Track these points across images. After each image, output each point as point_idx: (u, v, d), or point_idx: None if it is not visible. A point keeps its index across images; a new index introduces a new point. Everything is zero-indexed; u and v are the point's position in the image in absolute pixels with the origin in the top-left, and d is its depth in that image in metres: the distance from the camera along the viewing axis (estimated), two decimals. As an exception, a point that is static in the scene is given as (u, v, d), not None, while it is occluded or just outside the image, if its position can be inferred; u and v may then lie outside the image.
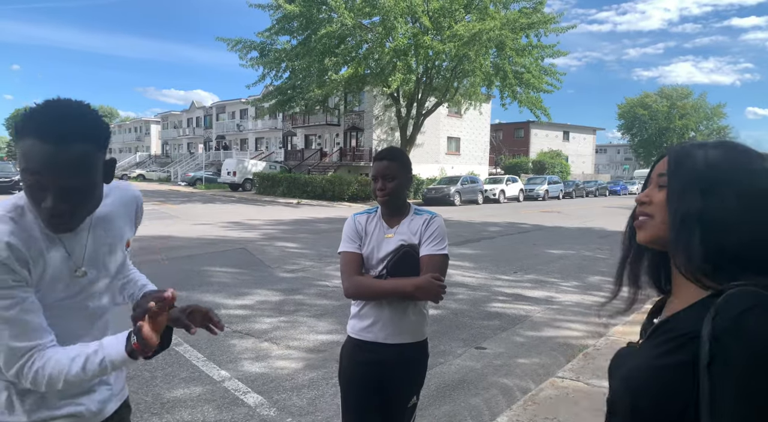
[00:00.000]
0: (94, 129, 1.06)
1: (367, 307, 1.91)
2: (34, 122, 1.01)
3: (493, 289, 6.89)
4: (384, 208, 1.96)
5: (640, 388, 0.81)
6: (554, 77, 23.65)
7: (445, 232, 1.94)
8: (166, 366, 3.99)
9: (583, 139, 54.46)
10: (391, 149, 1.99)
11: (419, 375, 1.98)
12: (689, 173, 0.86)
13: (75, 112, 1.05)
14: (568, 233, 13.89)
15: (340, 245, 1.98)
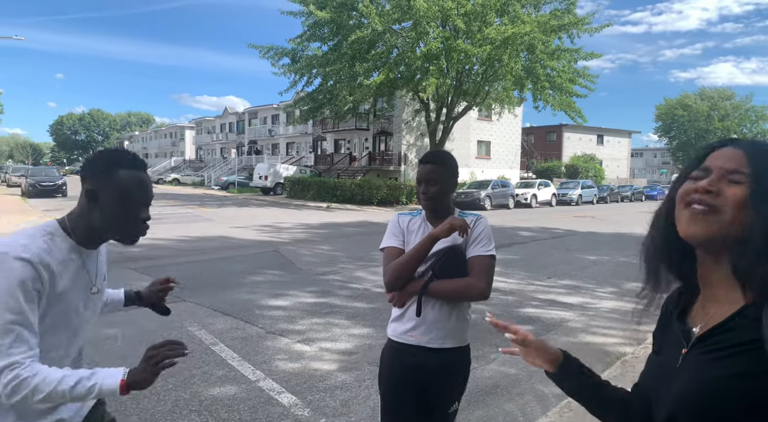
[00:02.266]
0: None
1: (410, 310, 1.89)
2: (128, 159, 1.35)
3: (526, 294, 6.79)
4: (427, 211, 1.97)
5: (707, 403, 0.76)
6: (588, 79, 23.20)
7: (491, 233, 1.93)
8: (203, 364, 4.09)
9: (618, 142, 53.13)
10: (437, 152, 1.99)
11: (461, 380, 1.95)
12: None
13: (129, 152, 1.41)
14: (603, 238, 13.56)
15: (382, 242, 1.99)
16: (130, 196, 1.32)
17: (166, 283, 1.73)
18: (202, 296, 6.21)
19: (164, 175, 53.23)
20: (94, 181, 1.32)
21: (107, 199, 1.30)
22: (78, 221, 1.35)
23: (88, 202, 1.33)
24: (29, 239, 1.25)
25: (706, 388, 0.77)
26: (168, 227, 13.55)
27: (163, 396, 3.47)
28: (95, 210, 1.32)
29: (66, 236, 1.33)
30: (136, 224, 1.34)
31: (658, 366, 0.92)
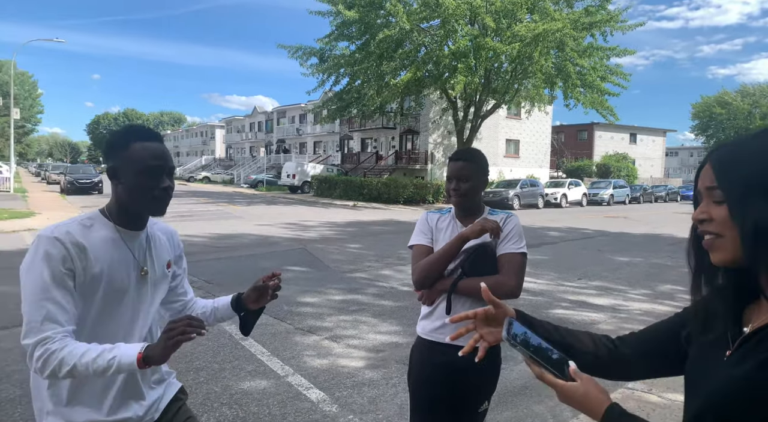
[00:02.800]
0: None
1: (439, 308, 1.89)
2: (140, 132, 1.38)
3: (556, 295, 6.67)
4: (457, 208, 1.97)
5: (736, 403, 0.75)
6: (621, 77, 22.62)
7: (522, 231, 1.91)
8: (233, 359, 4.16)
9: (652, 141, 51.67)
10: (468, 149, 1.99)
11: (492, 380, 1.94)
12: (744, 177, 0.76)
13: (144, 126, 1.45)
14: (635, 239, 13.22)
15: (411, 239, 1.99)
16: (147, 166, 1.34)
17: (271, 278, 1.63)
18: (231, 291, 6.28)
19: (195, 173, 54.39)
20: (112, 158, 1.36)
21: (126, 173, 1.34)
22: (113, 202, 1.41)
23: (111, 180, 1.37)
24: (64, 223, 1.32)
25: (736, 386, 0.75)
26: (199, 224, 13.84)
27: (195, 389, 3.55)
28: (119, 187, 1.36)
29: (106, 220, 1.38)
30: (157, 193, 1.35)
31: (700, 357, 0.89)
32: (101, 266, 1.31)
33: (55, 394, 1.32)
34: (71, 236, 1.28)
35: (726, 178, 0.78)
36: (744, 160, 0.77)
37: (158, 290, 1.49)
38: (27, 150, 66.69)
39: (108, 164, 1.37)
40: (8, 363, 3.97)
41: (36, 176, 51.69)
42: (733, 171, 0.77)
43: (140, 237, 1.43)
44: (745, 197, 0.75)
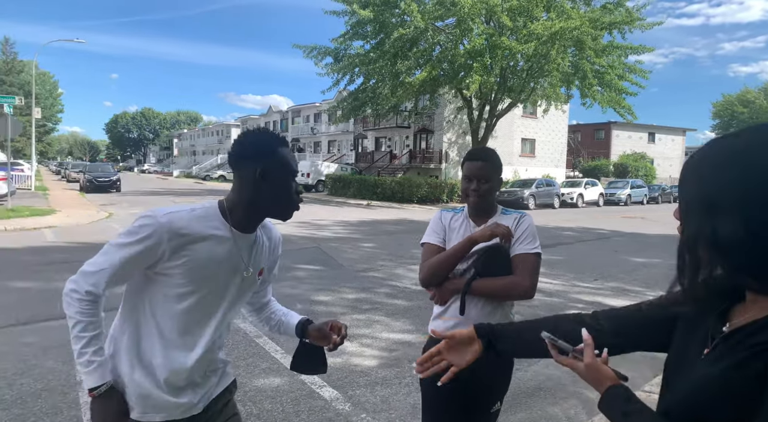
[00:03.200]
0: None
1: (451, 307, 1.89)
2: (281, 138, 1.46)
3: (571, 296, 6.61)
4: (473, 208, 1.95)
5: (709, 401, 0.77)
6: (640, 75, 22.29)
7: (536, 231, 1.90)
8: (247, 356, 4.20)
9: (671, 140, 50.83)
10: (485, 149, 1.98)
11: (504, 380, 1.93)
12: (691, 187, 0.81)
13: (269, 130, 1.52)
14: (653, 240, 13.03)
15: (423, 238, 2.00)
16: (293, 171, 1.42)
17: (335, 331, 1.64)
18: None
19: (211, 172, 54.95)
20: (262, 161, 1.37)
21: (277, 176, 1.38)
22: (236, 203, 1.41)
23: (256, 182, 1.37)
24: (178, 209, 1.36)
25: (711, 385, 0.77)
26: (214, 222, 13.95)
27: (210, 385, 3.59)
28: (262, 189, 1.37)
29: (221, 218, 1.39)
30: (295, 197, 1.43)
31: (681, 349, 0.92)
32: (204, 262, 1.35)
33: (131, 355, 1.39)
34: (179, 225, 1.32)
35: (680, 182, 0.85)
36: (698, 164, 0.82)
37: (247, 293, 1.54)
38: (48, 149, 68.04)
39: (260, 165, 1.37)
40: (29, 357, 4.06)
41: (56, 175, 52.72)
42: (685, 176, 0.83)
43: (249, 240, 1.46)
44: (688, 210, 0.81)
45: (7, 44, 51.36)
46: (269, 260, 1.59)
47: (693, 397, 0.79)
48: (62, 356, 4.09)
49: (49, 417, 3.12)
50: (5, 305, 5.45)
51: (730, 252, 0.75)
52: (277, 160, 1.38)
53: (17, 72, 50.45)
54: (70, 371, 3.80)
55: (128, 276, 1.35)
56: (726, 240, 0.75)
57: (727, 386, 0.75)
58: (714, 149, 0.82)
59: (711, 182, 0.78)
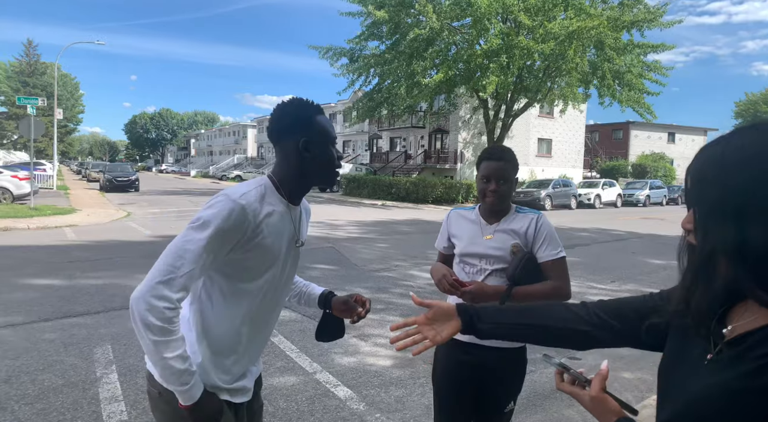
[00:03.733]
0: None
1: None
2: (316, 106, 1.43)
3: (587, 298, 6.47)
4: (489, 209, 1.92)
5: (716, 412, 0.71)
6: (660, 73, 21.94)
7: (555, 232, 1.90)
8: (263, 354, 4.22)
9: (692, 140, 49.92)
10: (503, 148, 1.94)
11: (517, 380, 1.93)
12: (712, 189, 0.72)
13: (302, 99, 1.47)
14: (673, 241, 12.78)
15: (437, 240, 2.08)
16: (333, 138, 1.43)
17: (359, 304, 1.68)
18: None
19: (227, 171, 55.49)
20: (303, 132, 1.37)
21: (319, 145, 1.39)
22: (285, 176, 1.41)
23: (300, 153, 1.37)
24: (247, 188, 1.34)
25: (722, 393, 0.71)
26: (231, 221, 14.07)
27: (226, 383, 3.63)
28: (307, 160, 1.38)
29: (276, 191, 1.40)
30: (338, 163, 1.44)
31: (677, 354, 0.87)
32: (272, 238, 1.35)
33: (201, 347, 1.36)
34: (254, 206, 1.29)
35: (691, 186, 0.76)
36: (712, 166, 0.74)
37: (296, 266, 1.56)
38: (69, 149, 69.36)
39: (304, 137, 1.37)
40: (51, 353, 4.14)
41: (77, 174, 53.75)
42: (700, 179, 0.75)
43: (297, 211, 1.47)
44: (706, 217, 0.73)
45: (30, 47, 52.53)
46: (306, 231, 1.62)
47: (697, 407, 0.74)
48: (83, 352, 4.17)
49: (70, 412, 3.19)
50: (27, 302, 5.57)
51: (758, 265, 0.67)
52: (317, 129, 1.39)
53: (40, 74, 51.54)
54: (89, 367, 3.88)
55: (210, 266, 1.28)
56: (757, 251, 0.66)
57: (734, 398, 0.69)
58: (741, 140, 0.72)
59: (738, 182, 0.69)
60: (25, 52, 52.33)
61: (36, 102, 19.54)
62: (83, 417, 3.12)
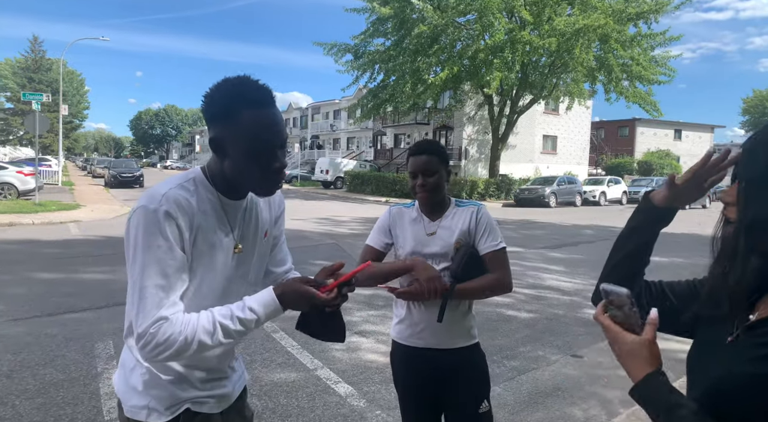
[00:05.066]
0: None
1: (415, 311, 1.84)
2: (251, 96, 1.11)
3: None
4: (423, 205, 1.87)
5: (736, 393, 0.73)
6: (667, 68, 21.78)
7: (495, 222, 1.87)
8: (264, 351, 4.22)
9: (699, 137, 49.57)
10: (428, 141, 1.89)
11: (481, 379, 1.86)
12: (754, 164, 0.76)
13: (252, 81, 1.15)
14: (679, 239, 12.71)
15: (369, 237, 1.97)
16: (259, 144, 1.11)
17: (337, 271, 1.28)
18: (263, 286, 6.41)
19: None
20: (217, 127, 1.13)
21: (234, 149, 1.12)
22: (214, 169, 1.20)
23: (215, 153, 1.16)
24: (168, 187, 1.14)
25: (745, 383, 0.73)
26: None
27: (227, 379, 3.62)
28: (225, 161, 1.15)
29: (209, 185, 1.19)
30: (269, 175, 1.15)
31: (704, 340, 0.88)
32: (207, 238, 1.16)
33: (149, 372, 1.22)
34: (181, 206, 1.11)
35: (745, 160, 0.79)
36: (760, 151, 0.77)
37: (251, 267, 1.31)
38: (74, 145, 69.63)
39: (211, 133, 1.15)
40: (52, 348, 4.15)
41: (82, 170, 53.99)
42: (755, 154, 0.77)
43: (241, 207, 1.25)
44: (755, 188, 0.75)
45: (35, 43, 52.72)
46: (271, 215, 1.36)
47: (722, 387, 0.76)
48: (85, 347, 4.17)
49: (70, 407, 3.19)
50: (30, 297, 5.59)
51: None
52: (234, 128, 1.10)
53: (45, 70, 51.75)
54: (91, 362, 3.88)
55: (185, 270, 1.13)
56: None
57: (751, 380, 0.72)
58: None
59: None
60: (31, 48, 52.54)
61: (41, 98, 19.60)
62: (83, 413, 3.12)
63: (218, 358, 1.30)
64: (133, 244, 1.09)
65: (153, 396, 1.22)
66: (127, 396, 1.25)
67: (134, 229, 1.10)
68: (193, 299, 1.17)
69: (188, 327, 1.08)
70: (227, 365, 1.34)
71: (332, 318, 1.35)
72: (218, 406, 1.30)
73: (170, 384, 1.22)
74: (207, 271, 1.19)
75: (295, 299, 1.15)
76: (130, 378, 1.25)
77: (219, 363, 1.31)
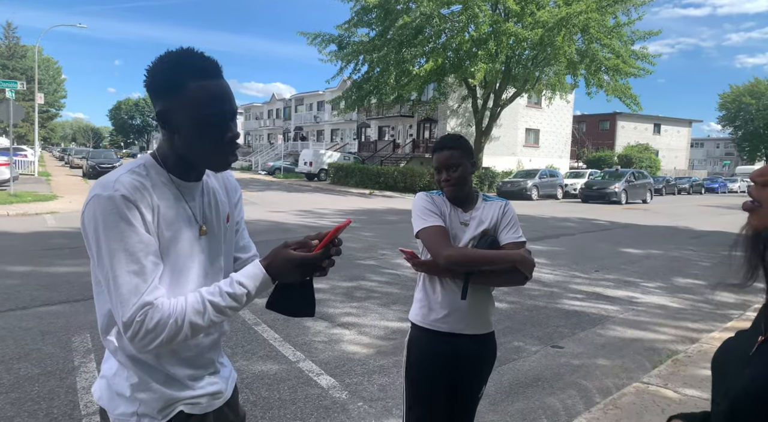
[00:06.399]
0: None
1: (441, 295, 1.85)
2: (196, 66, 1.07)
3: (571, 287, 6.58)
4: (451, 197, 1.89)
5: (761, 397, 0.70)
6: (647, 61, 22.09)
7: (518, 219, 1.94)
8: (245, 343, 4.20)
9: (677, 132, 50.44)
10: (450, 136, 1.90)
11: (491, 362, 1.96)
12: None
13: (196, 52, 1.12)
14: (656, 231, 12.97)
15: (418, 224, 1.84)
16: (208, 115, 1.07)
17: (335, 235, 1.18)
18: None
19: (214, 159, 54.77)
20: (162, 101, 1.09)
21: (181, 121, 1.08)
22: (164, 149, 1.15)
23: (163, 129, 1.11)
24: (119, 174, 1.09)
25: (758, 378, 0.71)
26: (216, 209, 13.94)
27: (207, 372, 3.59)
28: (174, 137, 1.10)
29: (161, 169, 1.14)
30: (223, 147, 1.11)
31: (735, 344, 0.85)
32: (165, 220, 1.11)
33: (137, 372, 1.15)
34: (137, 190, 1.06)
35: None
36: None
37: (221, 251, 1.26)
38: (51, 135, 68.03)
39: (156, 107, 1.10)
40: (27, 342, 4.06)
41: (60, 160, 52.78)
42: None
43: (198, 189, 1.20)
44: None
45: (9, 29, 51.18)
46: (229, 199, 1.31)
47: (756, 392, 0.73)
48: (61, 341, 4.09)
49: (45, 401, 3.13)
50: (5, 290, 5.46)
51: None
52: (181, 100, 1.06)
53: (20, 57, 50.30)
54: (68, 356, 3.81)
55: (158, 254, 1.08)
56: None
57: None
58: None
59: None
60: (4, 34, 51.01)
61: (15, 85, 19.07)
62: (59, 407, 3.07)
63: (209, 348, 1.25)
64: (95, 236, 1.04)
65: (142, 400, 1.15)
66: (113, 404, 1.17)
67: (92, 221, 1.04)
68: (170, 289, 1.12)
69: (177, 309, 1.04)
70: (217, 360, 1.30)
71: (306, 292, 1.27)
72: (212, 405, 1.26)
73: (161, 386, 1.16)
74: (177, 256, 1.13)
75: (283, 267, 1.11)
76: (115, 384, 1.17)
77: (210, 353, 1.26)
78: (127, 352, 1.15)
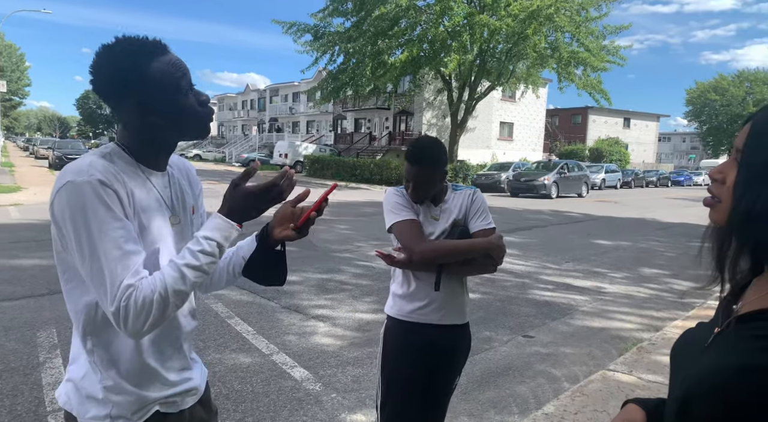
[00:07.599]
0: None
1: (417, 287, 1.87)
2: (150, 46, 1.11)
3: (541, 278, 6.71)
4: (418, 202, 1.92)
5: (733, 388, 0.69)
6: (617, 56, 22.54)
7: (487, 206, 1.95)
8: (218, 336, 4.16)
9: (645, 126, 51.71)
10: (423, 146, 1.87)
11: (466, 353, 1.99)
12: (761, 147, 0.71)
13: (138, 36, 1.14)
14: (625, 223, 13.31)
15: (390, 218, 1.88)
16: (180, 86, 1.11)
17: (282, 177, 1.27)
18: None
19: (186, 150, 53.72)
20: (135, 94, 1.08)
21: (160, 103, 1.09)
22: (130, 137, 1.14)
23: (141, 115, 1.10)
24: (90, 159, 1.07)
25: (727, 376, 0.69)
26: (189, 201, 13.71)
27: (179, 366, 3.54)
28: (151, 117, 1.10)
29: (128, 157, 1.13)
30: (201, 111, 1.15)
31: (694, 335, 0.86)
32: (140, 205, 1.10)
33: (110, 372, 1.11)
34: (110, 173, 1.04)
35: (755, 140, 0.73)
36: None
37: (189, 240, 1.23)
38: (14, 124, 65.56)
39: (130, 102, 1.08)
40: (-10, 338, 3.94)
41: (24, 151, 50.93)
42: (757, 142, 0.72)
43: (164, 179, 1.20)
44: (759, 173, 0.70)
45: (-32, 13, 48.84)
46: (193, 192, 1.31)
47: (707, 381, 0.72)
48: (25, 337, 3.98)
49: (9, 398, 3.04)
50: (-34, 285, 5.27)
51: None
52: (153, 83, 1.07)
53: (-20, 43, 48.16)
54: (32, 351, 3.71)
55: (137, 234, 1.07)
56: None
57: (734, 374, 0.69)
58: None
59: None
60: (-37, 18, 48.66)
61: (-25, 73, 18.25)
62: (23, 404, 2.99)
63: (186, 338, 1.24)
64: (72, 225, 0.99)
65: (116, 403, 1.12)
66: (83, 408, 1.13)
67: (67, 209, 1.00)
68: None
69: (157, 284, 1.01)
70: (190, 356, 1.29)
71: (279, 260, 1.35)
72: (186, 402, 1.24)
73: (135, 386, 1.13)
74: (151, 242, 1.12)
75: (243, 203, 1.14)
76: (85, 387, 1.13)
77: (186, 343, 1.25)
78: (104, 352, 1.12)
